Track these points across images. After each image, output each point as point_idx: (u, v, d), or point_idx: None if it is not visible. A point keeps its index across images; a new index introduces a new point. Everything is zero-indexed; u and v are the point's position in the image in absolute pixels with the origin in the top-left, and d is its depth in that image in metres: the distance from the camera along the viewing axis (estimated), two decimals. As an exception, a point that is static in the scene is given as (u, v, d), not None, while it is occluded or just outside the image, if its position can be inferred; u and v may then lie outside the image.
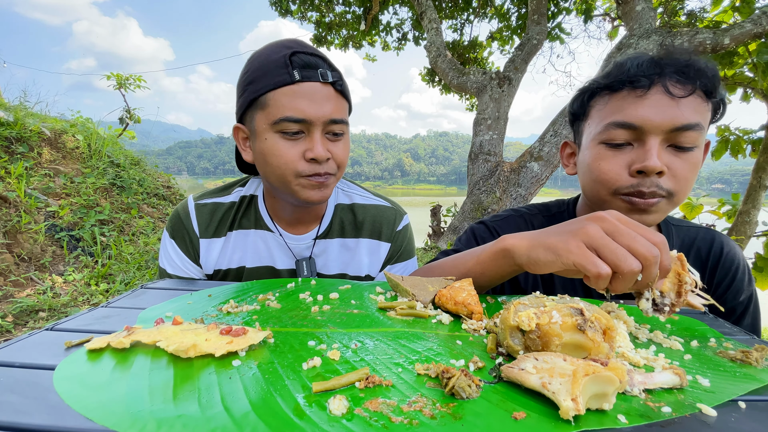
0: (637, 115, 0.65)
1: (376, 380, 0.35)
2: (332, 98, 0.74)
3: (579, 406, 0.29)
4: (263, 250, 0.89)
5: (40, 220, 3.13)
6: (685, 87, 0.64)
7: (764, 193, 3.02)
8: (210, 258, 0.87)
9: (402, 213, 0.97)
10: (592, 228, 0.47)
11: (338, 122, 0.75)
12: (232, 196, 0.90)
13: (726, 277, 0.78)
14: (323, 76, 0.73)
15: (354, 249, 0.92)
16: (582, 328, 0.38)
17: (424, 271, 0.75)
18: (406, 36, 7.39)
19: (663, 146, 0.65)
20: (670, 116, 0.63)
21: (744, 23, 2.80)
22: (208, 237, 0.87)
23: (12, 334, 2.25)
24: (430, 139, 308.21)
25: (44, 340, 0.43)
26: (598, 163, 0.70)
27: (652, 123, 0.64)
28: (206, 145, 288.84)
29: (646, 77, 0.65)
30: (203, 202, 0.88)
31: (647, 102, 0.64)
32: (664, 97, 0.64)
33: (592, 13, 5.46)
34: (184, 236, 0.87)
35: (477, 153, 4.10)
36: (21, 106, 4.24)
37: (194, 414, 0.30)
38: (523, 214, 0.88)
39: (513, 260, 0.56)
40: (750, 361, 0.42)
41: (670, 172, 0.65)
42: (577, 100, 0.78)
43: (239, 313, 0.53)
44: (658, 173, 0.64)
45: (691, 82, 0.64)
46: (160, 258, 0.89)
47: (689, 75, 0.64)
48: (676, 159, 0.65)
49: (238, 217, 0.89)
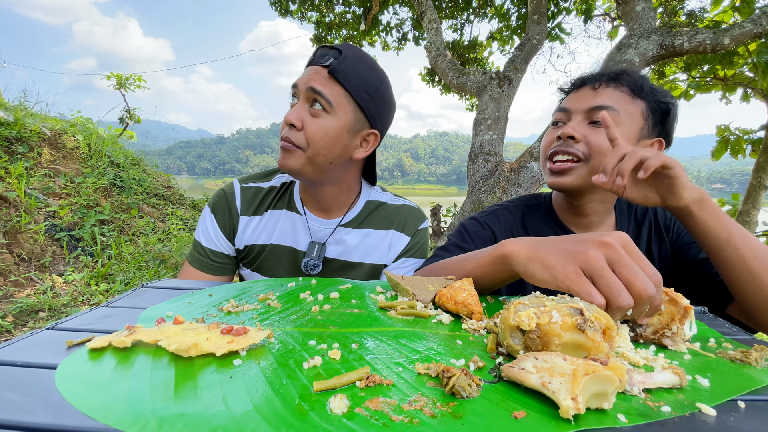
0: (568, 102, 0.86)
1: (377, 379, 0.35)
2: (321, 75, 0.82)
3: (579, 405, 0.29)
4: (289, 231, 0.97)
5: (40, 220, 3.13)
6: (604, 82, 0.83)
7: (764, 193, 3.02)
8: (245, 234, 0.97)
9: (424, 216, 1.06)
10: (594, 254, 0.46)
11: (318, 93, 0.80)
12: (272, 182, 1.01)
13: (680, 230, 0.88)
14: (324, 61, 0.83)
15: (378, 239, 0.99)
16: (582, 328, 0.38)
17: (427, 271, 0.75)
18: (406, 36, 7.39)
19: (583, 123, 0.81)
20: (589, 100, 0.82)
21: (744, 23, 2.80)
22: (248, 215, 0.96)
23: (12, 334, 2.25)
24: (430, 139, 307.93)
25: (45, 340, 0.43)
26: (544, 138, 0.88)
27: (575, 105, 0.83)
28: (206, 145, 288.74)
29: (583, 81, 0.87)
30: (248, 185, 0.99)
31: (577, 95, 0.85)
32: (589, 90, 0.84)
33: (592, 13, 5.46)
34: (225, 212, 0.96)
35: (477, 153, 4.10)
36: (21, 106, 4.24)
37: (195, 413, 0.30)
38: (507, 206, 0.97)
39: (511, 267, 0.56)
40: (749, 361, 0.42)
41: (585, 140, 0.80)
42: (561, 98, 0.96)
43: (240, 312, 0.53)
44: (572, 138, 0.80)
45: (613, 80, 0.83)
46: (196, 231, 0.99)
47: (609, 76, 0.84)
48: (591, 131, 0.80)
49: (275, 200, 0.99)
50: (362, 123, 0.86)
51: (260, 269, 0.98)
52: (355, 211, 0.98)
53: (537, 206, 0.96)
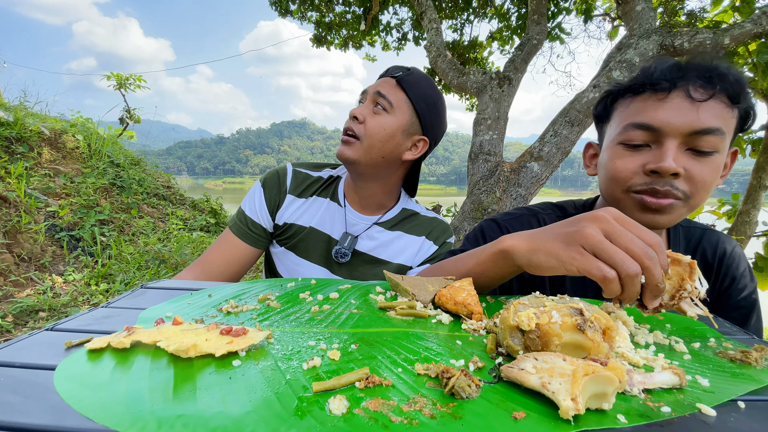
0: (656, 117, 0.65)
1: (376, 380, 0.35)
2: (389, 83, 0.97)
3: (578, 405, 0.29)
4: (328, 219, 1.05)
5: (40, 220, 3.13)
6: (706, 91, 0.63)
7: (764, 193, 3.02)
8: (287, 212, 1.05)
9: (452, 232, 1.13)
10: (590, 230, 0.46)
11: (382, 96, 0.94)
12: (322, 173, 1.10)
13: (728, 274, 0.79)
14: (393, 72, 0.98)
15: (409, 243, 1.06)
16: (582, 328, 0.38)
17: (428, 271, 0.75)
18: (406, 36, 7.38)
19: (681, 149, 0.65)
20: (689, 119, 0.63)
21: (744, 23, 2.80)
22: (294, 195, 1.06)
23: (12, 334, 2.25)
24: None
25: (44, 340, 0.43)
26: (614, 162, 0.71)
27: (670, 125, 0.64)
28: (206, 145, 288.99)
29: (667, 81, 0.65)
30: (299, 170, 1.08)
31: (667, 105, 0.65)
32: (685, 100, 0.64)
33: (592, 13, 5.45)
34: (274, 187, 1.06)
35: (477, 153, 4.10)
36: (21, 106, 4.24)
37: (194, 414, 0.30)
38: (537, 213, 0.87)
39: (513, 261, 0.56)
40: (749, 361, 0.42)
41: (687, 175, 0.64)
42: (601, 102, 0.79)
43: (239, 313, 0.53)
44: (674, 175, 0.64)
45: (712, 86, 0.63)
46: (243, 202, 1.07)
47: (711, 79, 0.63)
48: (695, 163, 0.65)
49: (320, 189, 1.08)
50: (416, 128, 0.99)
51: (295, 249, 1.05)
52: (391, 213, 1.07)
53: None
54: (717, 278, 0.80)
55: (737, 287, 0.79)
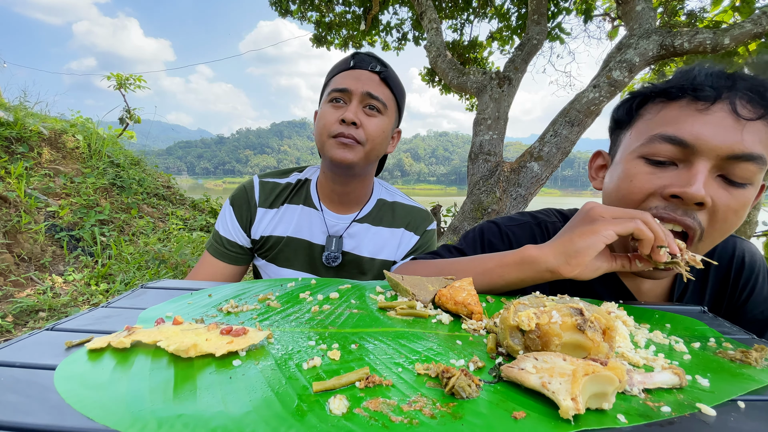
0: (692, 131, 0.54)
1: (376, 380, 0.35)
2: (374, 81, 0.92)
3: (579, 405, 0.29)
4: (305, 225, 1.03)
5: (40, 220, 3.13)
6: (755, 109, 0.53)
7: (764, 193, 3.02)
8: (261, 225, 1.02)
9: (432, 218, 1.11)
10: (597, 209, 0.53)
11: (374, 98, 0.90)
12: (289, 179, 1.07)
13: (747, 286, 0.72)
14: (372, 67, 0.92)
15: (389, 237, 1.05)
16: (582, 328, 0.38)
17: (434, 269, 0.73)
18: (406, 36, 7.39)
19: (712, 175, 0.55)
20: (731, 140, 0.52)
21: (744, 23, 2.80)
22: (265, 207, 1.03)
23: (12, 334, 2.25)
24: (430, 139, 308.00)
25: (45, 340, 0.43)
26: (629, 179, 0.60)
27: (707, 144, 0.53)
28: (206, 145, 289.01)
29: (713, 88, 0.55)
30: (266, 180, 1.05)
31: (707, 118, 0.54)
32: (729, 117, 0.53)
33: (592, 13, 5.45)
34: (243, 204, 1.03)
35: (477, 153, 4.10)
36: (21, 106, 4.23)
37: (194, 413, 0.30)
38: (541, 221, 0.80)
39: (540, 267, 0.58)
40: (749, 360, 0.42)
41: (712, 207, 0.54)
42: (625, 105, 0.67)
43: (239, 313, 0.53)
44: (699, 203, 0.54)
45: (764, 103, 0.54)
46: (216, 223, 1.06)
47: (764, 96, 0.54)
48: (724, 193, 0.54)
49: (291, 195, 1.05)
50: (396, 122, 1.00)
51: (276, 260, 1.04)
52: (368, 207, 1.05)
53: None
54: (735, 290, 0.72)
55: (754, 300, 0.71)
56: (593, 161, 0.76)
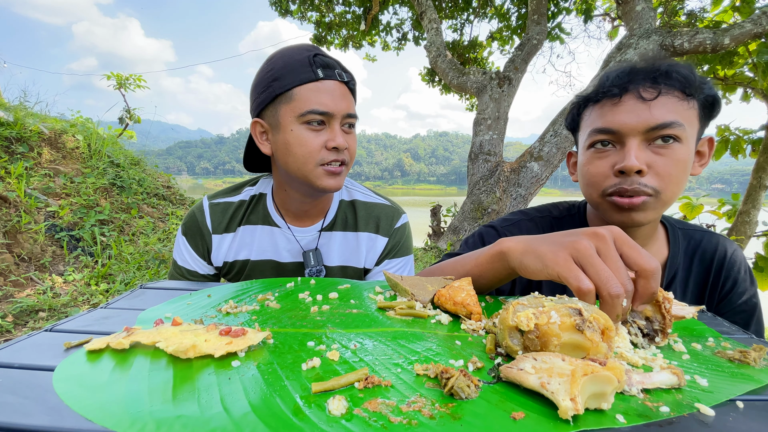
0: (613, 120, 0.69)
1: (375, 380, 0.35)
2: (347, 95, 0.84)
3: (578, 405, 0.29)
4: (268, 245, 0.95)
5: (40, 220, 3.13)
6: (654, 89, 0.67)
7: (764, 193, 3.02)
8: (220, 252, 0.95)
9: (400, 212, 1.02)
10: (585, 243, 0.46)
11: (353, 116, 0.85)
12: (242, 195, 0.97)
13: (729, 278, 0.79)
14: (340, 75, 0.83)
15: (354, 242, 0.98)
16: (580, 328, 0.38)
17: (427, 272, 0.75)
18: (406, 36, 7.39)
19: (643, 147, 0.68)
20: (643, 118, 0.67)
21: (744, 23, 2.80)
22: (219, 233, 0.94)
23: (12, 334, 2.25)
24: (429, 139, 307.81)
25: (44, 341, 0.43)
26: (587, 167, 0.75)
27: (626, 126, 0.68)
28: (206, 145, 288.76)
29: (617, 87, 0.70)
30: (216, 202, 0.96)
31: (622, 108, 0.69)
32: (638, 102, 0.68)
33: (592, 13, 5.46)
34: (196, 233, 0.95)
35: (477, 153, 4.10)
36: (21, 106, 4.23)
37: (193, 414, 0.30)
38: (533, 217, 0.88)
39: (507, 263, 0.57)
40: (748, 360, 0.42)
41: (653, 171, 0.67)
42: (570, 114, 0.83)
43: (238, 313, 0.53)
44: (638, 172, 0.67)
45: (658, 84, 0.67)
46: (174, 252, 0.98)
47: (656, 79, 0.68)
48: (658, 157, 0.67)
49: (246, 214, 0.96)
50: None
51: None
52: (331, 213, 0.97)
53: (570, 219, 0.87)
54: (717, 282, 0.80)
55: (738, 291, 0.79)
56: (569, 160, 0.90)
